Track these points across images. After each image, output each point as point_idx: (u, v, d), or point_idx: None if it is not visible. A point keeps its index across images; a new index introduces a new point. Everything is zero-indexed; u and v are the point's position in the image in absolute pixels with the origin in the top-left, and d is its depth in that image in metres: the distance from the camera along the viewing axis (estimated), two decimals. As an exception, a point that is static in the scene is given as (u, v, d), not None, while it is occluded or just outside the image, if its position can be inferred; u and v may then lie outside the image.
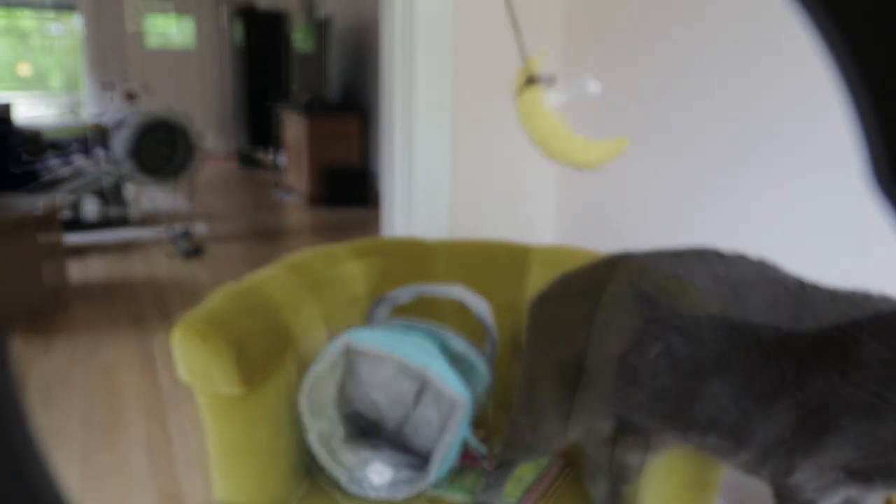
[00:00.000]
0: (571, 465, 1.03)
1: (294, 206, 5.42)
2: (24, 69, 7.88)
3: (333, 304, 1.18)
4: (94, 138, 4.39)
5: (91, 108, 7.90)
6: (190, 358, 0.88)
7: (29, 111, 7.89)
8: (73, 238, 3.98)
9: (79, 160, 4.15)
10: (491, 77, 1.72)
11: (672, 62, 1.43)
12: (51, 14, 7.96)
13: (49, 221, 2.74)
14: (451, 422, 0.93)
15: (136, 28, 7.99)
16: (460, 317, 1.18)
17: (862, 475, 0.58)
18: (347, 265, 1.26)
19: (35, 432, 0.18)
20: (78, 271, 3.39)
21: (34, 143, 4.22)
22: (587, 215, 1.75)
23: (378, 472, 0.94)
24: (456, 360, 1.02)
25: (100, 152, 4.19)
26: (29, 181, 4.04)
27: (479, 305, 1.09)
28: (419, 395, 0.99)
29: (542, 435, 0.81)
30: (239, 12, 7.18)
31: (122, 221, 4.38)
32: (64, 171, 4.12)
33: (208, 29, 8.46)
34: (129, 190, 4.29)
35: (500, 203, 1.78)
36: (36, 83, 8.05)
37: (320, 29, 5.63)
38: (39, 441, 0.18)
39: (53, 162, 4.09)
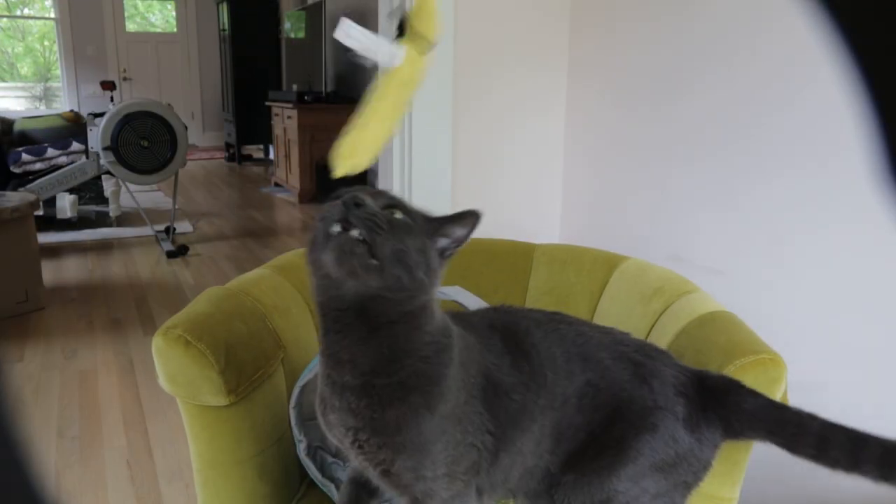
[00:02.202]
0: None
1: (285, 203, 5.43)
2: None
3: (325, 308, 1.19)
4: (69, 130, 4.39)
5: (66, 97, 7.91)
6: (172, 366, 0.89)
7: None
8: (48, 237, 3.99)
9: (52, 153, 4.16)
10: (494, 69, 1.72)
11: (675, 63, 1.44)
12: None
13: (23, 219, 2.75)
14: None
15: (114, 11, 7.98)
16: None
17: None
18: (340, 266, 1.27)
19: (24, 438, 0.18)
20: (53, 272, 3.40)
21: (4, 135, 4.22)
22: (593, 216, 1.76)
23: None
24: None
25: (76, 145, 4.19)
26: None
27: (478, 307, 1.10)
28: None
29: None
30: (224, -5, 7.15)
31: (102, 220, 4.39)
32: (37, 166, 4.13)
33: (191, 15, 8.46)
34: (109, 185, 4.30)
35: (503, 205, 1.78)
36: (4, 71, 8.04)
37: (312, 13, 5.63)
38: (29, 448, 0.18)
39: (25, 156, 4.10)
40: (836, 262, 1.16)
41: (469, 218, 0.70)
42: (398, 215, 0.65)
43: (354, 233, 0.60)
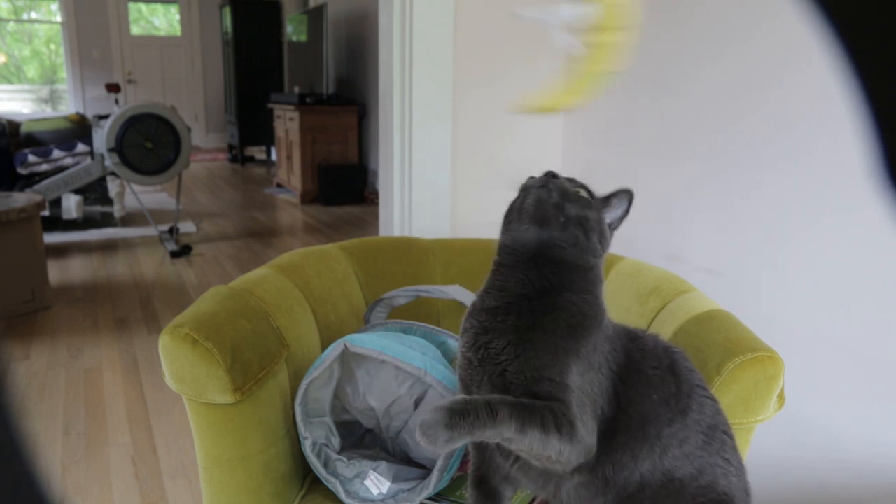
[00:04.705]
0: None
1: (287, 203, 5.42)
2: (-1, 59, 7.84)
3: (327, 307, 1.18)
4: (75, 131, 4.39)
5: (72, 100, 7.90)
6: (179, 364, 0.88)
7: (3, 104, 7.87)
8: (53, 238, 3.99)
9: (58, 154, 4.15)
10: (494, 70, 1.72)
11: (671, 61, 1.44)
12: None
13: (29, 219, 2.74)
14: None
15: (119, 15, 7.98)
16: (458, 318, 1.18)
17: None
18: (341, 266, 1.26)
19: (26, 437, 0.18)
20: (59, 272, 3.40)
21: (11, 136, 4.22)
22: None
23: (375, 483, 0.95)
24: (455, 364, 1.03)
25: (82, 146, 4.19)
26: (6, 178, 4.04)
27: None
28: (418, 401, 1.00)
29: None
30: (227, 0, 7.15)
31: (106, 220, 4.38)
32: (43, 167, 4.12)
33: (195, 18, 8.45)
34: (114, 186, 4.29)
35: (503, 202, 1.78)
36: (11, 74, 8.02)
37: (314, 17, 5.63)
38: (31, 447, 0.18)
39: (31, 157, 4.09)
40: (828, 262, 1.16)
41: (624, 195, 0.78)
42: (582, 192, 0.75)
43: (554, 195, 0.72)
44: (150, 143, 3.70)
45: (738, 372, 0.84)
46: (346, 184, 5.31)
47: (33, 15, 7.97)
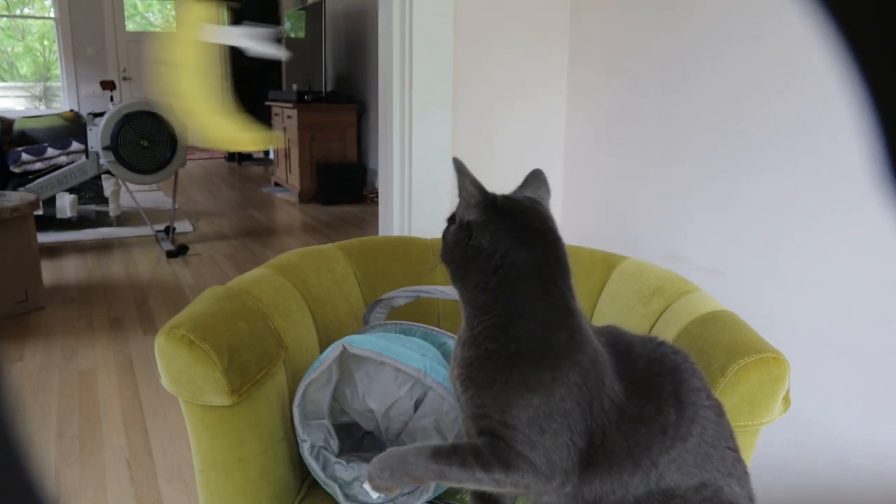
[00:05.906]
0: None
1: (285, 202, 5.42)
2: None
3: (326, 307, 1.18)
4: (69, 129, 4.38)
5: (66, 97, 7.89)
6: (175, 366, 0.88)
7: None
8: (47, 237, 3.98)
9: (52, 153, 4.14)
10: (495, 67, 1.72)
11: (673, 57, 1.44)
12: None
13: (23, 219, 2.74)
14: (452, 432, 0.93)
15: (114, 11, 7.96)
16: (458, 319, 1.18)
17: None
18: (340, 266, 1.26)
19: (24, 438, 0.18)
20: (53, 272, 3.39)
21: (4, 134, 4.21)
22: (593, 214, 1.76)
23: (374, 486, 0.95)
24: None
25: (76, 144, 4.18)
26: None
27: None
28: (418, 403, 1.00)
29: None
30: (225, -4, 7.13)
31: (101, 220, 4.38)
32: (36, 165, 4.11)
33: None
34: (109, 185, 4.29)
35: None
36: (3, 70, 8.00)
37: (312, 13, 5.62)
38: (29, 448, 0.18)
39: (25, 156, 4.08)
40: (828, 263, 1.16)
41: (455, 162, 0.80)
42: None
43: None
44: (145, 141, 3.69)
45: (743, 373, 0.84)
46: (345, 183, 5.30)
47: (26, 10, 7.95)
